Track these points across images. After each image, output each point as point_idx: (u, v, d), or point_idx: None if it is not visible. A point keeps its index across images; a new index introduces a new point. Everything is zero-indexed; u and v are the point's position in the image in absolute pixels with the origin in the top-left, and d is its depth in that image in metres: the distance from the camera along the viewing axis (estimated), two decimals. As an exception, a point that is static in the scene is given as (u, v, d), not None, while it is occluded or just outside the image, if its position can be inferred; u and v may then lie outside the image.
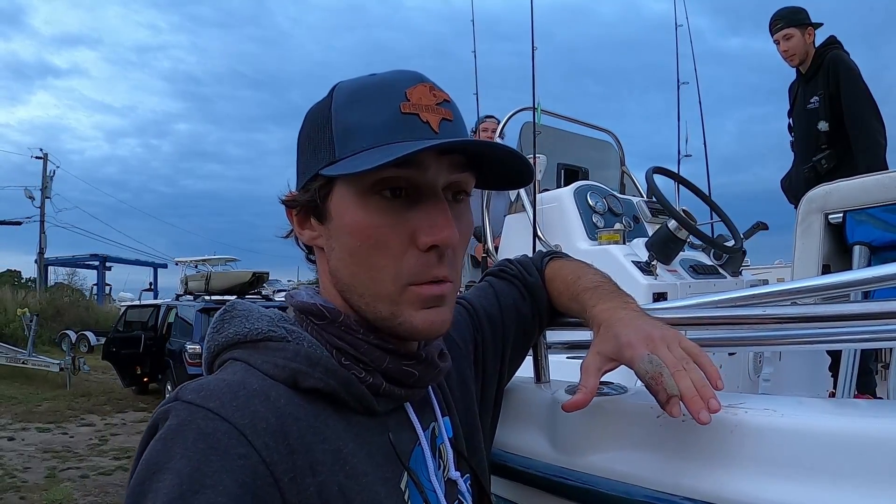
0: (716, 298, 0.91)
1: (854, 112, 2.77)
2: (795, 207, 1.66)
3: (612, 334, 0.74)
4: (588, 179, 3.01)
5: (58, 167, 24.64)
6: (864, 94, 2.79)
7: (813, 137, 2.90)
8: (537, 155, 2.72)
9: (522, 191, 2.74)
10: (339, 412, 0.59)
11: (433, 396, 0.72)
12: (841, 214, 1.50)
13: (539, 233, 2.52)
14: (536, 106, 2.60)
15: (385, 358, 0.62)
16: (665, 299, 2.12)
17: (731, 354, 2.45)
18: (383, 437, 0.62)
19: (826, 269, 1.54)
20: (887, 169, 2.51)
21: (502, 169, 0.65)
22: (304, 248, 0.70)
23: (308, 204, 0.63)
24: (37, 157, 24.06)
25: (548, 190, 2.84)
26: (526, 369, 1.01)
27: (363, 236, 0.59)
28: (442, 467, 0.69)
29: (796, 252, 1.55)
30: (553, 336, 1.05)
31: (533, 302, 0.92)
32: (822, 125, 2.85)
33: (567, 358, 2.03)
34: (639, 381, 0.71)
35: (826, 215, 1.51)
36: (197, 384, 0.54)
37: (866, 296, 1.33)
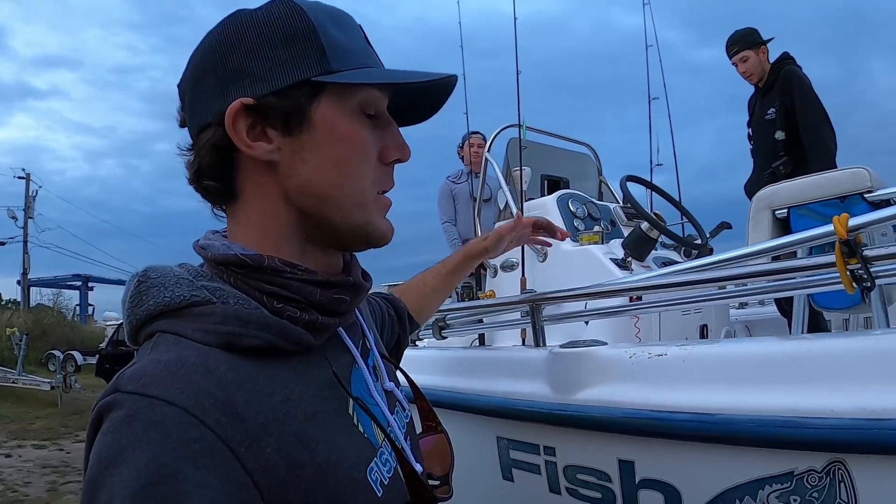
0: (668, 270, 1.17)
1: (808, 122, 3.03)
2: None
3: (494, 233, 1.24)
4: (569, 188, 3.24)
5: (40, 187, 24.51)
6: (816, 105, 3.05)
7: (771, 145, 3.15)
8: (523, 167, 2.95)
9: (510, 199, 2.96)
10: (281, 359, 0.58)
11: (359, 315, 0.75)
12: (786, 210, 1.72)
13: (526, 237, 2.73)
14: (522, 124, 2.83)
15: (316, 291, 0.61)
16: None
17: (702, 326, 2.62)
18: (325, 369, 0.62)
19: (775, 258, 1.78)
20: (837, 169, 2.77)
21: (420, 96, 0.70)
22: (205, 179, 0.64)
23: (287, 109, 0.60)
24: (20, 178, 23.96)
25: (532, 199, 3.07)
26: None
27: (355, 146, 0.63)
28: (378, 380, 0.73)
29: (749, 243, 1.79)
30: (549, 310, 1.30)
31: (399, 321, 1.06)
32: (780, 134, 3.10)
33: (559, 347, 2.29)
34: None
35: (773, 211, 1.74)
36: (133, 371, 0.52)
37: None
